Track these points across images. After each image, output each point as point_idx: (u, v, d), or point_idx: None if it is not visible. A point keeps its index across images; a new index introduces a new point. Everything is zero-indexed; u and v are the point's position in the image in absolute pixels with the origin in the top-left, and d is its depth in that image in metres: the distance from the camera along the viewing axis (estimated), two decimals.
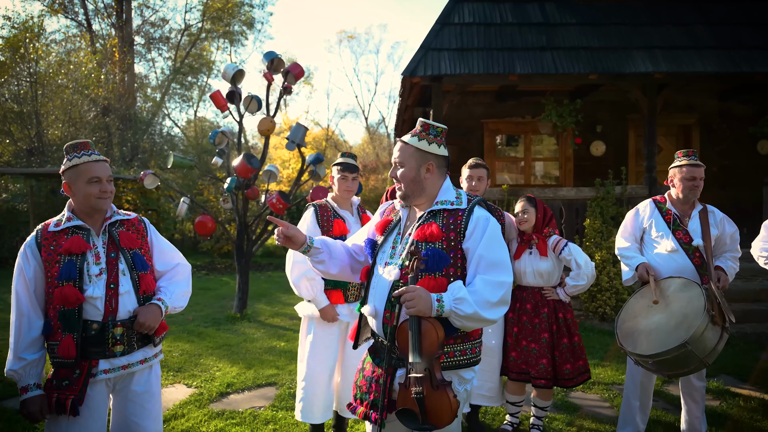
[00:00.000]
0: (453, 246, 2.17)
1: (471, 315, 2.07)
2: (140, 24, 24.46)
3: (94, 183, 2.41)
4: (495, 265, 2.15)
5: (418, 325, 2.04)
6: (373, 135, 37.30)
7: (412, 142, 2.27)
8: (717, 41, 7.63)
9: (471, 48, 7.49)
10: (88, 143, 2.47)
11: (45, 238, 2.42)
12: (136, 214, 2.66)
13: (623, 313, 3.54)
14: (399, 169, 2.28)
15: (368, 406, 2.24)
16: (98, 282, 2.39)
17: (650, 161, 7.77)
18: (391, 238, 2.33)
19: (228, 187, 7.17)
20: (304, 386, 3.52)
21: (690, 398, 3.70)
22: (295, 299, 9.49)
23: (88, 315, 2.37)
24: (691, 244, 3.53)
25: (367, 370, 2.34)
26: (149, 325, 2.44)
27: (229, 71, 7.85)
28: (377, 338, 2.30)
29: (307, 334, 3.59)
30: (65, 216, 2.47)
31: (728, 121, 9.46)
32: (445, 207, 2.24)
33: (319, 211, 3.56)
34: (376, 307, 2.24)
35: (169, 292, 2.60)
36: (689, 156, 3.65)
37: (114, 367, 2.43)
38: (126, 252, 2.49)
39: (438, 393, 2.02)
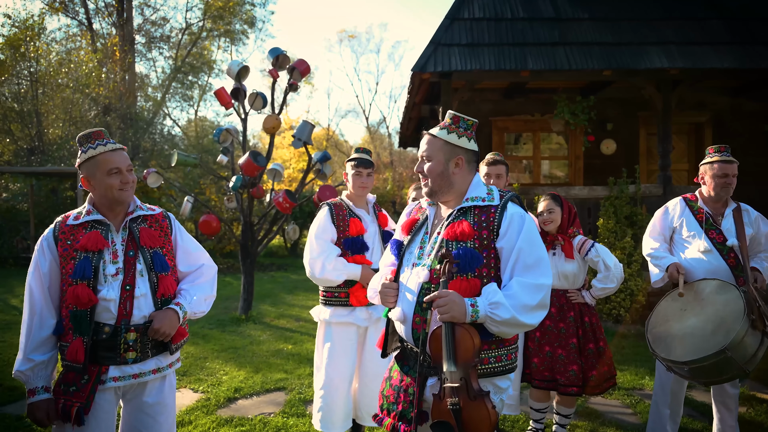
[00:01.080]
0: (486, 245, 2.03)
1: (508, 320, 1.93)
2: (141, 23, 24.30)
3: (114, 174, 2.24)
4: (533, 266, 2.01)
5: (453, 332, 1.91)
6: (374, 134, 37.16)
7: (440, 135, 2.14)
8: (732, 36, 7.46)
9: (482, 43, 7.32)
10: (102, 132, 2.29)
11: (62, 231, 2.26)
12: (161, 209, 2.49)
13: (654, 317, 3.38)
14: (426, 163, 2.15)
15: (396, 418, 2.10)
16: (114, 283, 2.23)
17: (665, 159, 7.60)
18: (418, 238, 2.20)
19: (233, 185, 7.00)
20: (323, 395, 3.35)
21: (723, 406, 3.54)
22: (299, 300, 9.33)
23: (101, 317, 2.21)
24: (725, 244, 3.37)
25: (394, 378, 2.19)
26: (164, 331, 2.26)
27: (233, 68, 7.69)
28: (406, 345, 2.15)
29: (324, 341, 3.43)
30: (85, 209, 2.31)
31: (740, 118, 9.28)
32: (476, 204, 2.10)
33: (334, 210, 3.39)
34: (405, 311, 2.09)
35: (190, 296, 2.42)
36: (721, 152, 3.49)
37: (124, 375, 2.26)
38: (146, 251, 2.32)
39: (476, 404, 1.88)
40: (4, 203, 15.76)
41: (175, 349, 2.40)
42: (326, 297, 3.42)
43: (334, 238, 3.32)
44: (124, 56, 21.35)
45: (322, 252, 3.25)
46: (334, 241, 3.31)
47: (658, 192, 7.59)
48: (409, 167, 30.28)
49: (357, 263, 3.31)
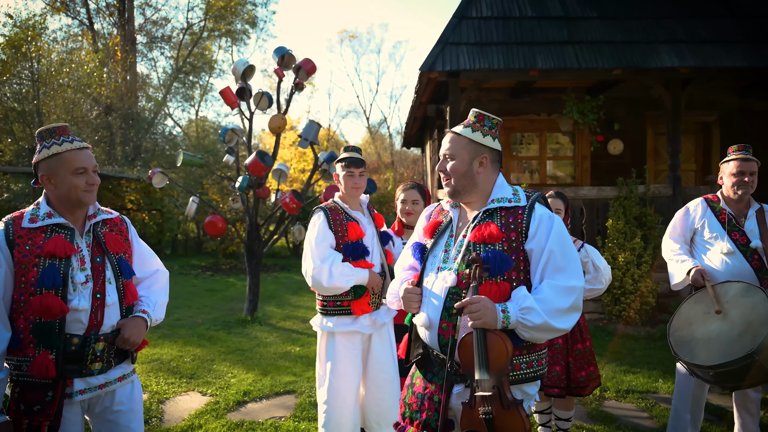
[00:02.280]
0: (514, 247, 1.97)
1: (540, 325, 1.87)
2: (142, 23, 24.25)
3: (80, 174, 2.11)
4: (563, 268, 1.95)
5: (484, 339, 1.84)
6: (375, 135, 37.11)
7: (465, 133, 2.08)
8: (744, 34, 7.37)
9: (490, 42, 7.24)
10: (66, 128, 2.16)
11: (18, 235, 2.06)
12: (117, 213, 2.39)
13: (676, 320, 3.31)
14: (449, 162, 2.08)
15: (420, 426, 2.03)
16: (84, 291, 2.09)
17: (674, 159, 7.52)
18: (442, 241, 2.12)
19: (240, 185, 6.93)
20: (327, 409, 3.18)
21: (745, 410, 3.47)
22: (304, 301, 9.26)
23: (70, 329, 2.06)
24: (748, 246, 3.30)
25: (417, 386, 2.11)
26: (134, 340, 2.17)
27: (239, 67, 7.62)
28: (431, 351, 2.07)
29: (327, 351, 3.25)
30: (44, 211, 2.13)
31: (749, 118, 9.21)
32: (502, 205, 2.04)
33: (330, 215, 3.18)
34: (431, 317, 2.02)
35: (152, 302, 2.33)
36: (740, 150, 3.42)
37: (90, 386, 2.13)
38: (112, 257, 2.20)
39: (509, 413, 1.81)
40: (6, 204, 15.68)
41: (135, 358, 2.32)
42: (327, 307, 3.22)
43: (333, 245, 3.13)
44: (126, 56, 21.31)
45: (325, 258, 3.05)
46: (333, 248, 3.13)
47: (668, 192, 7.52)
48: (411, 167, 30.21)
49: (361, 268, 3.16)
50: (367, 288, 3.18)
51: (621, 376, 5.19)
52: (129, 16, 22.78)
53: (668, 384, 4.94)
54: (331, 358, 3.20)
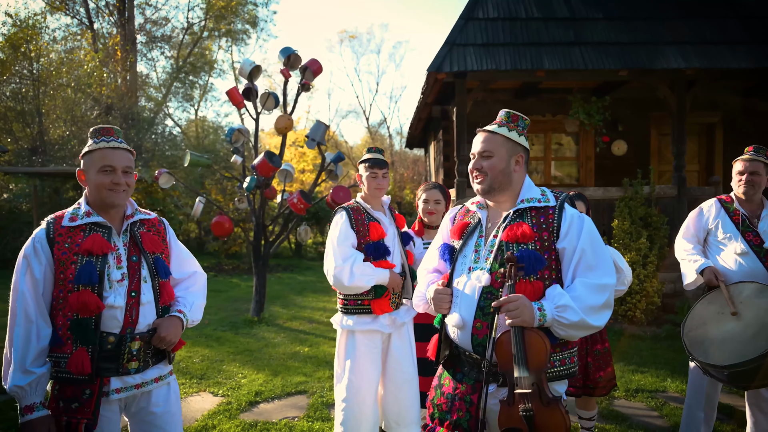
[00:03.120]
0: (546, 247, 1.99)
1: (577, 323, 1.90)
2: (142, 22, 24.20)
3: (106, 172, 2.11)
4: (595, 266, 1.97)
5: (523, 337, 1.86)
6: (374, 135, 37.10)
7: (501, 131, 2.10)
8: (749, 35, 7.41)
9: (497, 43, 7.27)
10: (112, 129, 2.18)
11: (59, 233, 2.10)
12: (155, 214, 2.40)
13: (690, 321, 3.33)
14: (485, 159, 2.08)
15: (450, 427, 2.03)
16: (119, 288, 2.11)
17: (679, 160, 7.56)
18: (471, 241, 2.13)
19: (248, 186, 6.94)
20: (345, 407, 3.18)
21: (758, 409, 3.49)
22: (309, 302, 9.28)
23: (106, 326, 2.08)
24: (762, 247, 3.32)
25: (447, 386, 2.12)
26: (170, 339, 2.17)
27: (246, 67, 7.64)
28: (461, 352, 2.08)
29: (346, 350, 3.27)
30: (83, 210, 2.16)
31: (752, 118, 9.26)
32: (532, 205, 2.05)
33: (353, 215, 3.21)
34: (464, 317, 2.02)
35: (188, 303, 2.33)
36: (750, 151, 3.46)
37: (127, 385, 2.15)
38: (149, 256, 2.22)
39: (549, 410, 1.84)
40: (6, 204, 15.67)
41: (173, 358, 2.32)
42: (348, 306, 3.26)
43: (354, 244, 3.16)
44: (126, 56, 21.26)
45: (347, 258, 3.08)
46: (355, 247, 3.16)
47: (673, 193, 7.56)
48: (410, 168, 30.23)
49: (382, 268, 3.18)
50: (387, 288, 3.20)
51: (629, 375, 5.22)
52: (129, 15, 22.72)
53: (676, 383, 4.97)
54: (351, 356, 3.22)
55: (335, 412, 3.29)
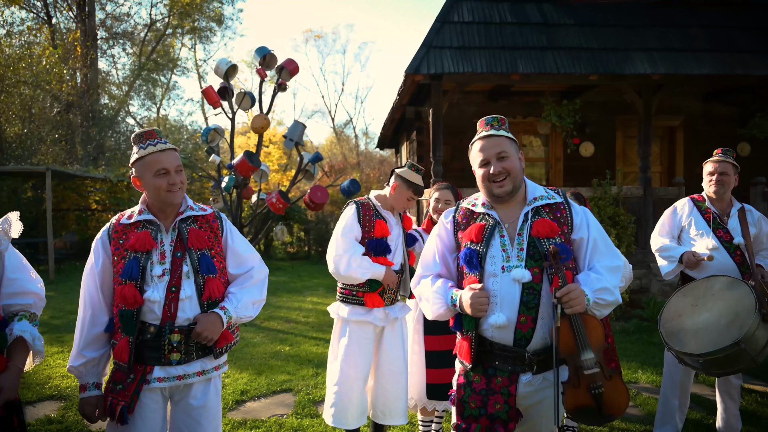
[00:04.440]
0: (567, 239, 2.12)
1: (612, 302, 2.08)
2: (103, 18, 23.59)
3: (162, 175, 2.22)
4: (607, 252, 2.17)
5: (582, 322, 2.00)
6: (340, 135, 37.08)
7: (502, 133, 2.17)
8: (711, 44, 7.79)
9: (473, 46, 7.43)
10: (154, 132, 2.26)
11: (116, 230, 2.27)
12: (213, 209, 2.44)
13: (665, 313, 3.51)
14: (504, 161, 2.12)
15: (487, 421, 2.09)
16: (159, 284, 2.21)
17: (645, 162, 7.88)
18: (496, 242, 2.13)
19: (226, 186, 6.91)
20: (336, 390, 3.34)
21: (727, 396, 3.71)
22: (284, 302, 9.27)
23: (146, 318, 2.21)
24: (731, 243, 3.54)
25: (477, 383, 2.14)
26: (206, 335, 2.21)
27: (222, 66, 7.61)
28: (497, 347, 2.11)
29: (340, 337, 3.41)
30: (138, 209, 2.32)
31: (712, 122, 9.71)
32: (545, 202, 2.16)
33: (362, 210, 3.34)
34: (509, 316, 2.06)
35: (237, 299, 2.34)
36: (719, 153, 3.68)
37: (169, 376, 2.23)
38: (193, 252, 2.27)
39: (613, 382, 2.01)
40: None
41: (219, 353, 2.34)
42: (344, 294, 3.41)
43: (358, 237, 3.29)
44: (86, 52, 20.68)
45: (347, 249, 3.23)
46: (358, 240, 3.29)
47: (639, 193, 7.87)
48: (377, 168, 30.31)
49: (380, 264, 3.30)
50: (381, 283, 3.31)
51: None
52: (89, 10, 22.10)
53: (647, 374, 5.20)
54: (342, 343, 3.36)
55: (327, 392, 3.44)
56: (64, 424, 4.02)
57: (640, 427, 4.04)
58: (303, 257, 16.97)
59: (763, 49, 7.82)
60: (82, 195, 15.98)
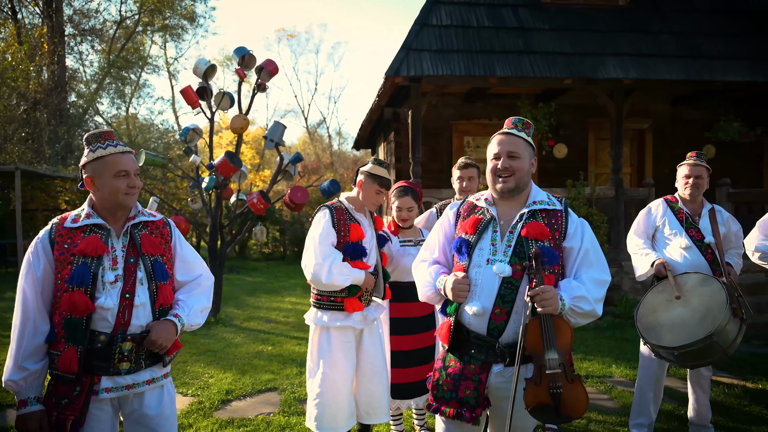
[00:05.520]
0: (557, 245, 2.22)
1: (588, 312, 2.15)
2: (71, 14, 23.04)
3: (121, 177, 2.17)
4: (596, 264, 2.23)
5: (552, 323, 2.07)
6: (313, 135, 36.96)
7: (522, 135, 2.28)
8: (680, 50, 8.08)
9: (451, 50, 7.56)
10: (111, 133, 2.23)
11: (60, 234, 2.15)
12: (162, 216, 2.41)
13: (642, 308, 3.67)
14: (514, 160, 2.24)
15: (457, 404, 2.20)
16: (112, 290, 2.14)
17: (617, 163, 8.12)
18: (487, 235, 2.27)
19: (207, 186, 6.88)
20: (320, 401, 3.27)
21: (699, 387, 3.89)
22: (263, 302, 9.26)
23: (97, 326, 2.11)
24: (703, 241, 3.71)
25: (452, 368, 2.27)
26: (161, 343, 2.18)
27: (200, 66, 7.57)
28: (473, 335, 2.23)
29: (319, 345, 3.35)
30: (84, 212, 2.21)
31: (680, 125, 10.05)
32: (543, 207, 2.27)
33: (336, 215, 3.30)
34: (484, 306, 2.19)
35: (188, 307, 2.33)
36: (693, 156, 3.85)
37: (117, 386, 2.16)
38: (147, 258, 2.23)
39: (573, 386, 2.07)
40: None
41: (168, 361, 2.32)
42: (321, 301, 3.35)
43: (334, 242, 3.25)
44: (54, 49, 20.19)
45: (327, 256, 3.16)
46: (334, 245, 3.25)
47: (611, 194, 8.11)
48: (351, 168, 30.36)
49: (358, 268, 3.28)
50: (361, 287, 3.31)
51: (578, 363, 5.60)
52: (56, 6, 21.57)
53: (621, 369, 5.39)
54: (326, 351, 3.31)
55: (308, 404, 3.36)
56: None
57: (616, 419, 4.20)
58: (278, 258, 16.91)
59: (727, 56, 8.15)
60: (51, 195, 15.63)
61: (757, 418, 4.21)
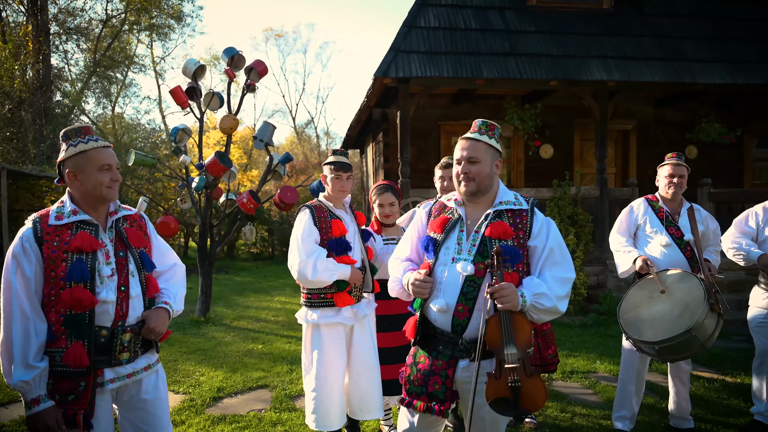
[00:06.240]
0: (521, 244, 2.28)
1: (550, 308, 2.20)
2: (56, 12, 22.83)
3: (105, 170, 2.21)
4: (561, 263, 2.29)
5: (511, 319, 2.14)
6: (301, 135, 36.91)
7: (483, 139, 2.34)
8: (662, 53, 8.26)
9: (439, 51, 7.66)
10: (90, 128, 2.27)
11: (46, 232, 2.15)
12: (135, 210, 2.47)
13: (624, 305, 3.78)
14: (473, 165, 2.32)
15: (426, 399, 2.30)
16: (110, 284, 2.19)
17: (602, 164, 8.27)
18: (454, 235, 2.35)
19: (197, 186, 6.92)
20: (315, 396, 3.38)
21: (679, 380, 4.01)
22: (251, 302, 9.30)
23: (99, 321, 2.17)
24: (682, 239, 3.84)
25: (422, 363, 2.36)
26: (159, 330, 2.28)
27: (190, 67, 7.58)
28: (437, 332, 2.33)
29: (312, 343, 3.45)
30: (69, 209, 2.22)
31: (663, 126, 10.24)
32: (509, 207, 2.33)
33: (316, 213, 3.39)
34: (448, 302, 2.27)
35: (172, 294, 2.44)
36: (673, 157, 3.97)
37: (119, 375, 2.24)
38: (134, 251, 2.31)
39: (532, 380, 2.13)
40: None
41: (159, 348, 2.44)
42: (312, 299, 3.43)
43: (317, 240, 3.33)
44: (39, 47, 20.01)
45: (311, 253, 3.25)
46: (318, 243, 3.33)
47: (596, 194, 8.26)
48: None
49: (344, 263, 3.36)
50: (348, 282, 3.39)
51: (564, 359, 5.72)
52: (41, 4, 21.36)
53: (605, 365, 5.52)
54: (317, 348, 3.40)
55: (306, 401, 3.46)
56: None
57: (599, 413, 4.31)
58: (266, 258, 16.93)
59: (708, 59, 8.34)
60: (36, 195, 15.50)
61: (734, 410, 4.35)
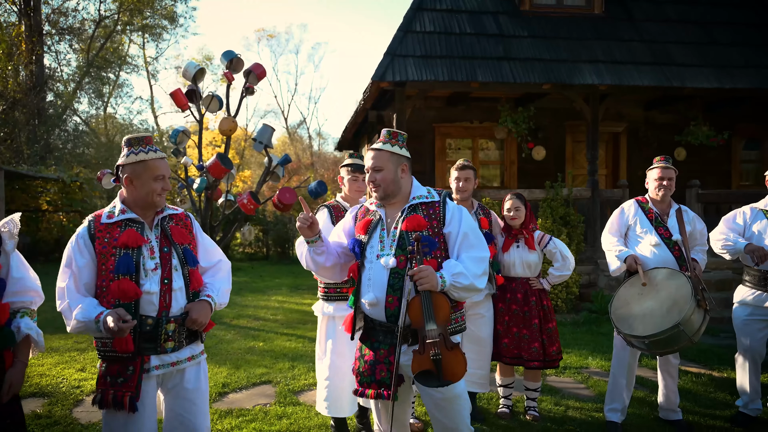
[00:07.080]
0: (436, 233, 2.55)
1: (468, 286, 2.45)
2: (49, 13, 22.79)
3: (159, 180, 2.44)
4: (475, 244, 2.57)
5: (430, 298, 2.37)
6: (294, 136, 36.95)
7: (386, 148, 2.60)
8: (651, 57, 8.48)
9: (434, 55, 7.83)
10: (150, 138, 2.48)
11: (98, 230, 2.39)
12: (182, 209, 2.68)
13: (616, 301, 3.96)
14: (378, 173, 2.57)
15: (376, 386, 2.51)
16: (154, 277, 2.39)
17: (593, 165, 8.47)
18: (376, 234, 2.62)
19: (198, 187, 7.03)
20: (328, 384, 3.59)
21: (667, 374, 4.19)
22: (250, 301, 9.41)
23: (144, 310, 2.36)
24: (671, 239, 4.02)
25: (367, 356, 2.59)
26: (201, 321, 2.45)
27: (190, 70, 7.71)
28: (377, 324, 2.55)
29: (326, 333, 3.68)
30: (118, 208, 2.46)
31: (652, 129, 10.47)
32: (422, 201, 2.61)
33: (333, 212, 3.66)
34: (377, 296, 2.51)
35: (216, 288, 2.61)
36: (662, 160, 4.16)
37: (164, 363, 2.43)
38: (178, 247, 2.50)
39: (452, 353, 2.37)
40: None
41: (204, 339, 2.62)
42: (328, 293, 3.68)
43: None
44: (32, 48, 19.99)
45: None
46: None
47: (587, 195, 8.45)
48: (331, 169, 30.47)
49: None
50: None
51: None
52: (34, 4, 21.32)
53: (597, 360, 5.70)
54: (332, 339, 3.64)
55: (318, 389, 3.68)
56: (53, 418, 4.14)
57: (592, 406, 4.49)
58: (261, 258, 17.02)
59: (696, 63, 8.57)
60: (31, 195, 15.53)
61: (721, 403, 4.54)
